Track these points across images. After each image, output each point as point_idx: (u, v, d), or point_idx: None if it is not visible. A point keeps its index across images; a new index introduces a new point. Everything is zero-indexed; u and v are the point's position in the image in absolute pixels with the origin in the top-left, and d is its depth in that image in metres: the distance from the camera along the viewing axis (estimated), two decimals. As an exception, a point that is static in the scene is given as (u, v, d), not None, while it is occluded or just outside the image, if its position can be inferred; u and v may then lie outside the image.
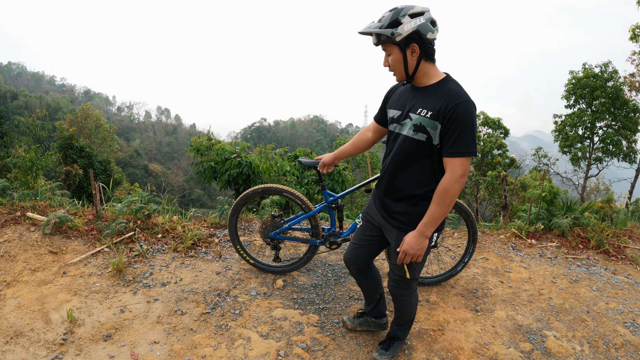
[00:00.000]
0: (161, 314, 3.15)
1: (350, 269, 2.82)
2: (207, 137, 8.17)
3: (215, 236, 4.51)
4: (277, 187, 3.50)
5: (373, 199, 2.61)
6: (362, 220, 2.73)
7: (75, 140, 14.04)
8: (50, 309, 3.10)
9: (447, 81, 2.16)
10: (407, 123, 2.22)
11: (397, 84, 2.45)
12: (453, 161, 2.10)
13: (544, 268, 4.31)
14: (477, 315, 3.42)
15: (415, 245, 2.24)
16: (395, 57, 2.14)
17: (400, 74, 2.19)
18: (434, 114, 2.09)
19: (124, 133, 66.00)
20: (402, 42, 2.08)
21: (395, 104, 2.36)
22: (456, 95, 2.07)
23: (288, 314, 3.30)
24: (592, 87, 17.82)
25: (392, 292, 2.67)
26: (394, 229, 2.41)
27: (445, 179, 2.13)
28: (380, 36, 2.10)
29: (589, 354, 3.08)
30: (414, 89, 2.26)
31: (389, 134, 2.41)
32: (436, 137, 2.12)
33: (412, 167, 2.27)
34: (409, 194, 2.33)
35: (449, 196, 2.13)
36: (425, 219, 2.21)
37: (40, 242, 3.97)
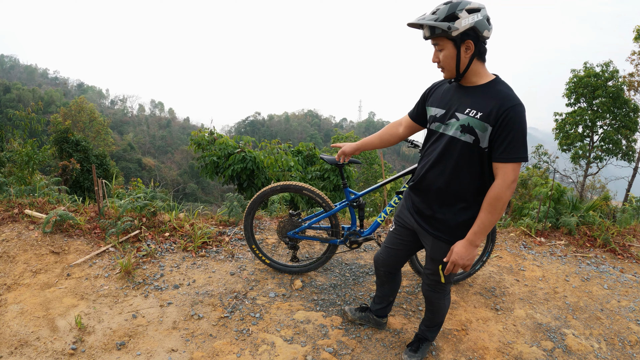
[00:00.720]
0: (177, 319, 2.95)
1: (380, 270, 2.76)
2: (209, 131, 7.93)
3: (226, 234, 4.30)
4: (297, 184, 3.31)
5: (406, 202, 2.51)
6: (395, 225, 2.61)
7: (71, 134, 13.73)
8: (56, 314, 2.88)
9: (498, 82, 2.07)
10: (453, 123, 2.11)
11: (440, 81, 2.34)
12: (505, 166, 2.00)
13: (555, 266, 4.34)
14: (498, 314, 3.40)
15: (465, 256, 2.14)
16: (448, 53, 2.02)
17: (451, 71, 2.07)
18: (484, 115, 1.99)
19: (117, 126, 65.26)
20: (457, 38, 1.97)
21: (438, 102, 2.24)
22: (509, 98, 1.98)
23: (310, 316, 3.13)
24: (593, 86, 17.84)
25: (426, 295, 2.61)
26: (429, 236, 2.33)
27: (496, 185, 2.03)
28: (435, 29, 1.98)
29: (606, 351, 3.10)
30: (460, 88, 2.15)
31: (430, 133, 2.29)
32: (485, 140, 2.02)
33: (455, 170, 2.15)
34: (450, 200, 2.22)
35: (500, 203, 2.02)
36: (476, 227, 2.10)
37: (40, 242, 3.75)
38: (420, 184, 2.31)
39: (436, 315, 2.68)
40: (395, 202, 3.36)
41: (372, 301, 3.03)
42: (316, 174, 8.32)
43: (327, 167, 8.23)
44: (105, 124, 39.51)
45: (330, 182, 8.12)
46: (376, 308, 2.97)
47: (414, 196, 2.40)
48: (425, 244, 2.42)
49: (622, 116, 17.78)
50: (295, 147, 9.11)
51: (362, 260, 4.11)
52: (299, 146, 9.25)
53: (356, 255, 4.17)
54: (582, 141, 19.30)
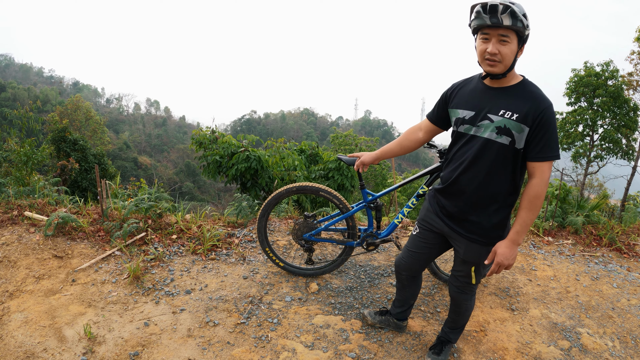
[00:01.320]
0: (191, 326, 2.81)
1: (402, 274, 2.70)
2: (210, 130, 7.77)
3: (235, 236, 4.17)
4: (314, 186, 3.18)
5: (431, 205, 2.44)
6: (419, 228, 2.53)
7: (68, 133, 13.51)
8: (63, 323, 2.74)
9: (529, 84, 2.07)
10: (487, 125, 2.07)
11: (461, 82, 2.29)
12: (542, 165, 2.03)
13: (565, 266, 4.35)
14: (514, 314, 3.39)
15: (509, 256, 2.13)
16: (514, 48, 1.97)
17: (506, 66, 2.00)
18: (521, 116, 1.98)
19: (113, 125, 64.83)
20: (524, 37, 1.97)
21: (465, 104, 2.18)
22: (543, 98, 1.99)
23: (330, 320, 3.02)
24: (594, 85, 17.85)
25: (454, 297, 2.57)
26: (463, 238, 2.29)
27: (535, 184, 2.05)
28: (518, 21, 1.89)
29: (620, 349, 3.12)
30: (489, 89, 2.11)
31: (459, 135, 2.22)
32: (521, 141, 2.02)
33: (490, 172, 2.12)
34: (485, 202, 2.19)
35: (539, 201, 2.05)
36: (518, 226, 2.10)
37: (42, 245, 3.60)
38: (452, 187, 2.25)
39: (461, 317, 2.64)
40: (412, 203, 3.24)
41: (392, 304, 2.95)
42: (320, 173, 8.16)
43: (331, 166, 8.08)
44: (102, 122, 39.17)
45: (335, 181, 7.98)
46: (397, 311, 2.91)
47: (444, 200, 2.33)
48: (457, 246, 2.36)
49: (622, 115, 17.79)
50: (298, 146, 8.95)
51: (376, 261, 4.00)
52: (301, 145, 9.10)
53: (369, 257, 4.06)
54: (583, 140, 19.31)
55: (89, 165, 13.60)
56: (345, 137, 24.48)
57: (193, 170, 48.42)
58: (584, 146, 19.38)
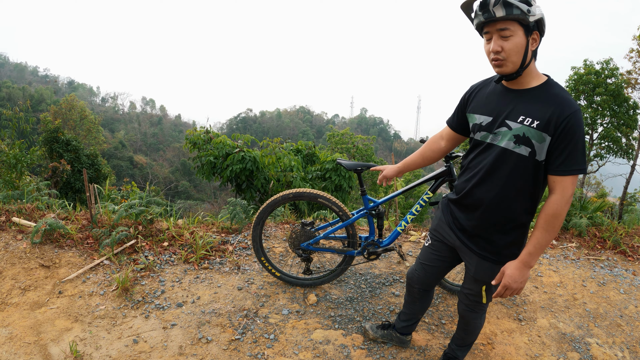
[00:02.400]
0: (183, 343, 2.66)
1: (415, 287, 2.52)
2: (204, 130, 7.60)
3: (229, 243, 4.02)
4: (312, 192, 3.04)
5: (444, 216, 2.25)
6: (431, 240, 2.36)
7: (61, 134, 13.27)
8: (49, 340, 2.59)
9: (553, 85, 1.81)
10: (504, 133, 1.85)
11: (480, 83, 2.07)
12: (564, 180, 1.78)
13: (571, 271, 4.24)
14: (522, 325, 3.27)
15: (518, 279, 1.91)
16: (519, 41, 1.72)
17: (515, 63, 1.76)
18: (542, 124, 1.75)
19: (108, 124, 64.30)
20: (531, 25, 1.71)
21: (482, 108, 1.97)
22: (568, 103, 1.74)
23: (329, 335, 2.88)
24: (593, 83, 17.76)
25: (463, 315, 2.41)
26: (474, 255, 2.10)
27: (554, 201, 1.80)
28: (513, 9, 1.67)
29: (630, 359, 3.03)
30: (508, 91, 1.89)
31: (475, 143, 2.02)
32: (542, 152, 1.79)
33: (507, 186, 1.90)
34: (500, 219, 1.98)
35: (559, 221, 1.81)
36: (531, 247, 1.87)
37: (29, 254, 3.45)
38: (466, 199, 2.06)
39: (470, 335, 2.49)
40: (416, 210, 3.11)
41: (397, 317, 2.77)
42: (317, 173, 8.02)
43: (328, 166, 7.95)
44: (97, 122, 38.73)
45: (332, 182, 7.84)
46: (401, 325, 2.74)
47: (458, 212, 2.14)
48: (467, 262, 2.18)
49: (622, 114, 17.72)
50: (295, 146, 8.79)
51: (377, 269, 3.86)
52: (298, 145, 8.94)
53: (370, 265, 3.92)
54: (583, 139, 19.25)
55: (82, 166, 13.37)
56: (342, 135, 24.32)
57: (189, 169, 48.12)
58: (585, 145, 19.32)
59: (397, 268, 3.91)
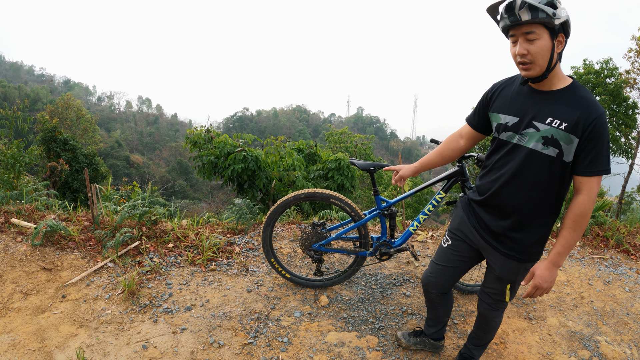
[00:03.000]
0: (194, 349, 2.57)
1: (432, 292, 2.45)
2: (205, 129, 7.50)
3: (236, 244, 3.93)
4: (324, 192, 2.96)
5: (467, 215, 2.22)
6: (451, 239, 2.30)
7: (58, 133, 13.12)
8: (54, 346, 2.50)
9: (579, 87, 1.84)
10: (532, 134, 1.86)
11: (502, 82, 2.06)
12: (590, 180, 1.82)
13: (577, 270, 4.25)
14: (532, 323, 3.28)
15: (549, 279, 1.97)
16: (544, 44, 1.72)
17: (542, 66, 1.75)
18: (570, 126, 1.77)
19: (104, 123, 63.96)
20: (557, 28, 1.71)
21: (507, 108, 1.96)
22: (595, 106, 1.77)
23: (344, 337, 2.81)
24: (593, 83, 17.80)
25: (484, 314, 2.39)
26: (500, 255, 2.09)
27: (581, 201, 1.85)
28: (539, 12, 1.66)
29: (638, 356, 3.06)
30: (534, 92, 1.89)
31: (500, 143, 2.01)
32: (570, 154, 1.81)
33: (534, 186, 1.92)
34: (527, 218, 2.00)
35: (586, 220, 1.86)
36: (560, 247, 1.93)
37: (30, 256, 3.34)
38: (492, 200, 2.04)
39: (488, 334, 2.48)
40: (429, 210, 3.04)
41: (426, 324, 2.73)
42: (319, 173, 7.93)
43: (330, 165, 7.85)
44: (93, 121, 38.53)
45: (334, 181, 7.75)
46: (431, 331, 2.70)
47: (483, 212, 2.11)
48: (492, 262, 2.15)
49: (621, 113, 17.75)
50: (296, 145, 8.70)
51: (386, 269, 3.78)
52: (299, 143, 8.85)
53: (379, 265, 3.84)
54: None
55: (80, 165, 13.23)
56: (340, 134, 24.21)
57: (185, 168, 47.96)
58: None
59: (406, 268, 3.84)
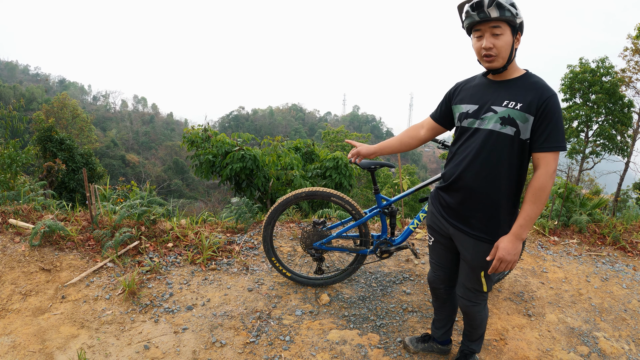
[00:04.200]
0: (196, 348, 2.56)
1: (440, 288, 2.51)
2: (202, 128, 7.48)
3: (235, 243, 3.92)
4: (324, 191, 2.95)
5: (434, 206, 2.36)
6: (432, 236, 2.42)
7: (54, 132, 13.05)
8: (55, 348, 2.48)
9: (532, 75, 2.04)
10: (491, 117, 2.02)
11: (465, 80, 2.27)
12: (547, 156, 1.96)
13: (575, 267, 4.30)
14: (531, 320, 3.30)
15: (512, 251, 2.01)
16: (507, 39, 1.95)
17: (505, 58, 1.98)
18: (525, 105, 1.95)
19: (100, 123, 63.65)
20: (517, 26, 1.95)
21: (468, 99, 2.14)
22: (546, 88, 1.97)
23: (345, 335, 2.81)
24: (589, 82, 17.92)
25: (466, 311, 2.39)
26: (470, 238, 2.17)
27: (540, 175, 1.97)
28: (505, 11, 1.88)
29: (636, 352, 3.09)
30: (493, 83, 2.09)
31: (463, 130, 2.15)
32: (526, 131, 1.97)
33: (496, 165, 2.04)
34: (491, 198, 2.09)
35: (545, 193, 1.97)
36: (521, 220, 2.00)
37: (28, 257, 3.32)
38: (457, 183, 2.15)
39: (478, 329, 2.48)
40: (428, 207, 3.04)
41: (433, 326, 2.73)
42: (317, 172, 7.93)
43: (328, 164, 7.85)
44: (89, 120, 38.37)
45: (332, 180, 7.76)
46: (439, 334, 2.71)
47: (448, 198, 2.22)
48: (464, 249, 2.21)
49: (617, 111, 17.89)
50: (294, 144, 8.69)
51: (386, 267, 3.79)
52: (296, 142, 8.85)
53: (379, 263, 3.85)
54: (578, 136, 19.40)
55: (76, 165, 13.16)
56: (336, 133, 24.21)
57: (181, 168, 47.85)
58: (579, 142, 19.46)
59: (406, 266, 3.85)
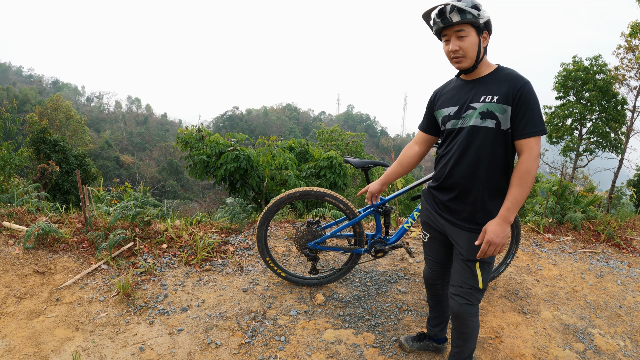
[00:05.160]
0: (191, 349, 2.57)
1: (437, 284, 2.53)
2: (196, 129, 7.46)
3: (230, 244, 3.92)
4: (318, 190, 2.97)
5: (428, 203, 2.41)
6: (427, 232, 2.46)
7: (48, 134, 12.97)
8: (50, 351, 2.48)
9: (504, 69, 2.12)
10: (471, 114, 2.09)
11: (442, 86, 2.35)
12: (529, 141, 2.02)
13: (569, 264, 4.32)
14: (526, 317, 3.32)
15: (500, 233, 2.03)
16: (472, 40, 2.03)
17: (472, 58, 2.06)
18: (501, 97, 2.02)
19: (94, 124, 63.30)
20: (482, 26, 2.02)
21: (448, 102, 2.22)
22: (519, 77, 2.04)
23: (341, 335, 2.83)
24: (582, 80, 18.04)
25: (458, 312, 2.25)
26: (464, 232, 2.19)
27: (524, 160, 2.02)
28: (466, 14, 1.96)
29: (632, 348, 3.11)
30: (467, 82, 2.17)
31: (448, 132, 2.22)
32: (506, 122, 2.04)
33: (482, 159, 2.09)
34: (482, 190, 2.14)
35: (530, 177, 2.01)
36: (508, 203, 2.04)
37: (22, 260, 3.31)
38: (447, 181, 2.21)
39: (468, 342, 2.34)
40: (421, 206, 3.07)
41: (428, 324, 2.74)
42: (311, 171, 7.92)
43: (322, 164, 7.86)
44: (82, 121, 38.14)
45: (327, 179, 7.76)
46: (435, 331, 2.71)
47: (442, 195, 2.27)
48: (458, 243, 2.22)
49: (611, 109, 18.01)
50: (288, 143, 8.68)
51: (381, 266, 3.81)
52: (290, 142, 8.84)
53: (373, 262, 3.86)
54: (572, 134, 19.51)
55: (70, 167, 13.09)
56: (331, 132, 24.21)
57: (176, 168, 47.67)
58: (573, 140, 19.58)
59: (401, 265, 3.87)
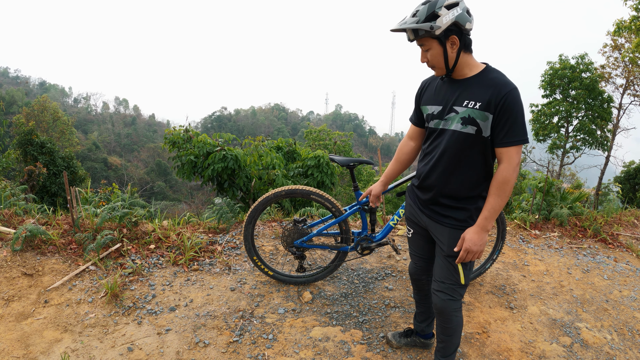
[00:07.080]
0: (180, 349, 2.60)
1: (422, 279, 2.56)
2: (184, 129, 7.45)
3: (217, 243, 3.95)
4: (304, 189, 3.01)
5: (411, 199, 2.45)
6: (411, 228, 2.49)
7: (35, 136, 12.83)
8: (39, 352, 2.49)
9: (490, 71, 2.08)
10: (453, 117, 2.10)
11: (429, 78, 2.34)
12: (509, 150, 2.02)
13: (556, 259, 4.37)
14: (513, 312, 3.36)
15: (477, 242, 2.09)
16: (435, 52, 2.03)
17: (442, 68, 2.08)
18: (484, 105, 2.00)
19: (81, 125, 62.56)
20: (441, 35, 1.98)
21: (432, 100, 2.22)
22: (504, 84, 1.99)
23: (328, 332, 2.87)
24: (569, 78, 18.28)
25: (442, 308, 2.30)
26: (445, 228, 2.23)
27: (503, 169, 2.04)
28: (418, 31, 1.99)
29: (619, 341, 3.15)
30: (453, 82, 2.15)
31: (430, 131, 2.24)
32: (487, 129, 2.03)
33: (462, 164, 2.13)
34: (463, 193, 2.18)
35: (508, 186, 2.04)
36: (486, 212, 2.08)
37: (10, 262, 3.30)
38: (426, 181, 2.25)
39: (453, 337, 2.38)
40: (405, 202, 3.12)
41: (414, 320, 2.78)
42: (299, 170, 7.96)
43: (310, 163, 7.90)
44: (70, 123, 37.70)
45: (314, 179, 7.80)
46: (422, 327, 2.75)
47: (422, 194, 2.32)
48: (440, 239, 2.25)
49: (597, 107, 18.29)
50: (275, 143, 8.71)
51: (368, 264, 3.86)
52: (278, 142, 8.86)
53: (361, 260, 3.92)
54: (558, 132, 19.76)
55: (57, 169, 12.97)
56: (319, 132, 24.22)
57: (164, 169, 47.35)
58: (560, 137, 19.83)
59: (388, 262, 3.92)
